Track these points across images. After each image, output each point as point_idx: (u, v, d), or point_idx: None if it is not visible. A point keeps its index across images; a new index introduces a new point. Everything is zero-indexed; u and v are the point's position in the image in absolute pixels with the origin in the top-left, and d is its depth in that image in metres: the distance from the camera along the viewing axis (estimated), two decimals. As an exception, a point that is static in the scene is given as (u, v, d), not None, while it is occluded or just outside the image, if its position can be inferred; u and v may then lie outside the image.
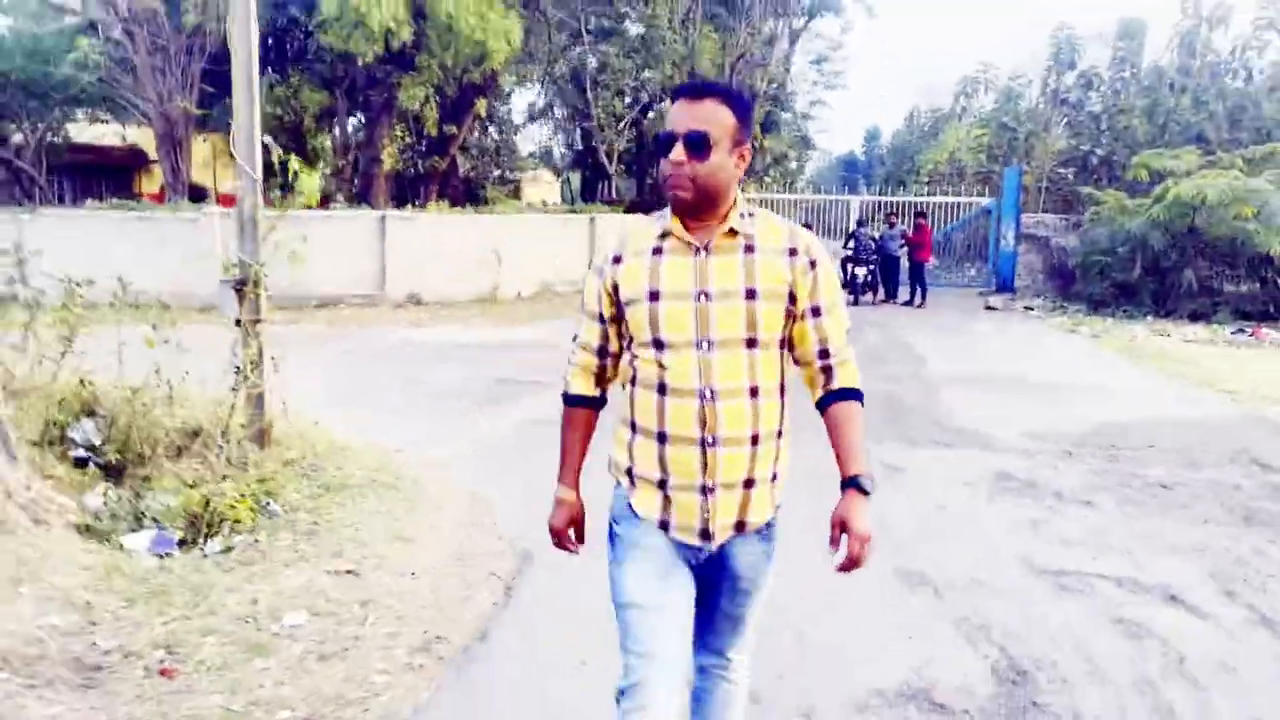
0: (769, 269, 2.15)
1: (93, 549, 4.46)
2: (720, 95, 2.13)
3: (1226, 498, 5.90)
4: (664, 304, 2.13)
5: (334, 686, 3.34)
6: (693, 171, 2.08)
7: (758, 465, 2.16)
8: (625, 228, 2.35)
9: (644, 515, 2.21)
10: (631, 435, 2.23)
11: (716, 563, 2.24)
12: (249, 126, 5.85)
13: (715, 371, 2.10)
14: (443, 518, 5.20)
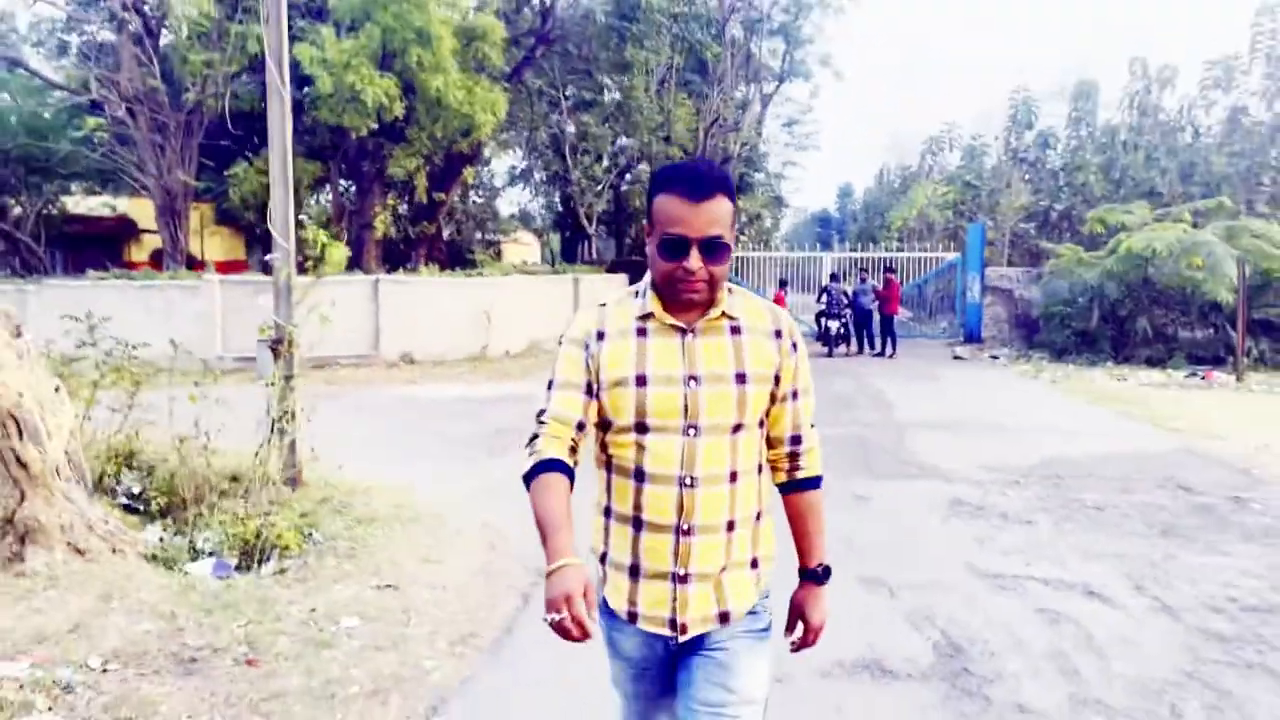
0: (757, 351, 2.09)
1: (163, 574, 5.16)
2: (721, 188, 2.01)
3: (1151, 516, 6.70)
4: (652, 389, 2.02)
5: (391, 669, 4.05)
6: (709, 274, 2.00)
7: (734, 551, 2.09)
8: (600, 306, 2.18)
9: (614, 607, 2.12)
10: (605, 520, 2.14)
11: (694, 647, 2.11)
12: (284, 207, 6.66)
13: (699, 458, 2.02)
14: (463, 544, 5.92)
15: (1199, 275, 17.91)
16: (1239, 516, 6.71)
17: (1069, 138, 28.25)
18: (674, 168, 2.07)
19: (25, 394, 5.12)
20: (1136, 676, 4.03)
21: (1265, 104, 25.56)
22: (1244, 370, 16.53)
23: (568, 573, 1.82)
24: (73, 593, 4.72)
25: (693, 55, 28.02)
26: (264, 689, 3.86)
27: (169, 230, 19.86)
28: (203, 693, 3.83)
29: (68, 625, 4.35)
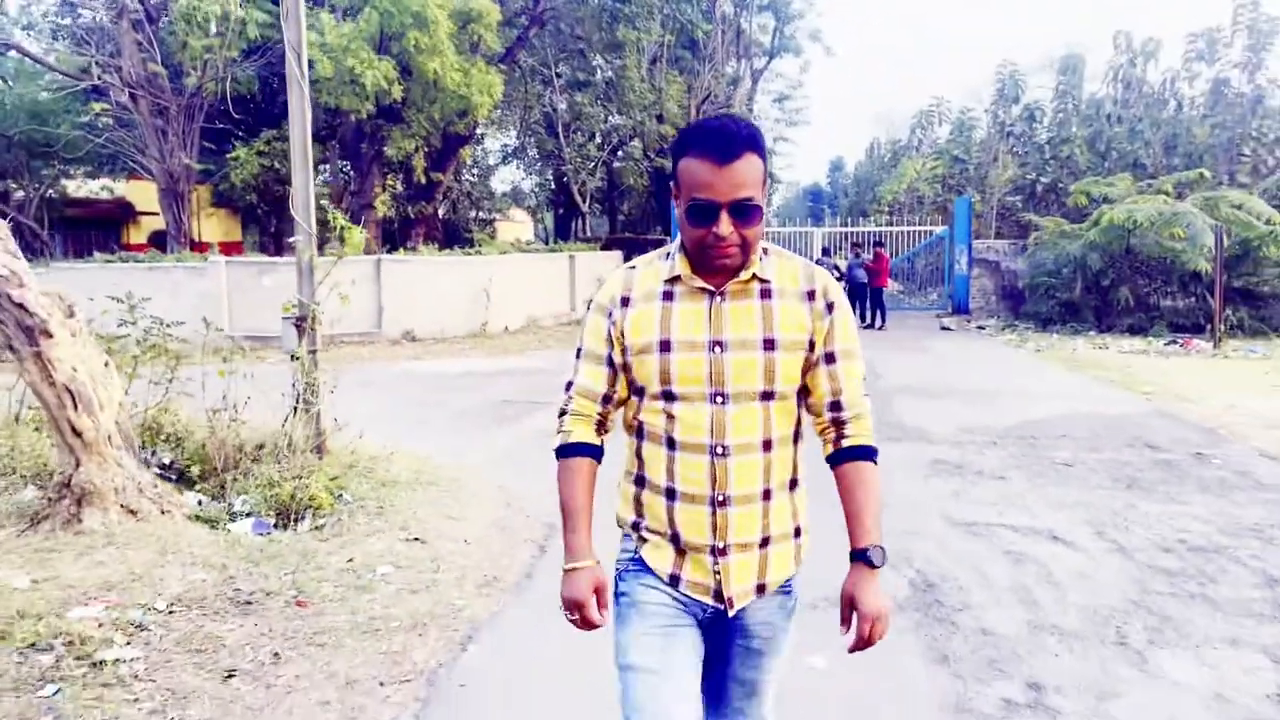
0: (788, 316, 2.00)
1: (208, 532, 5.65)
2: (750, 146, 1.92)
3: (1116, 471, 7.21)
4: (675, 354, 1.97)
5: (427, 607, 4.55)
6: (741, 238, 1.92)
7: (773, 522, 2.03)
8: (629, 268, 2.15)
9: (654, 567, 2.06)
10: (638, 489, 2.09)
11: (728, 624, 2.08)
12: (305, 192, 7.09)
13: (729, 426, 1.96)
14: (480, 503, 6.41)
15: (1179, 246, 18.41)
16: (1198, 471, 7.23)
17: (1055, 111, 28.66)
18: (699, 127, 1.96)
19: (79, 368, 5.59)
20: (1089, 605, 4.54)
21: (1247, 76, 25.98)
22: (1222, 337, 17.05)
23: (581, 576, 2.03)
24: (130, 548, 5.19)
25: (683, 33, 28.33)
26: (315, 625, 4.35)
27: (172, 213, 20.23)
28: (261, 629, 4.32)
29: (130, 575, 4.83)
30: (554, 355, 15.80)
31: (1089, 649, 4.05)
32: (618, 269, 2.14)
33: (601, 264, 23.93)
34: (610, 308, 2.08)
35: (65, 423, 5.54)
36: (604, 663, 2.25)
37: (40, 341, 5.47)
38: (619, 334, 2.05)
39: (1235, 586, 4.77)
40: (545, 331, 19.75)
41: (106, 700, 3.63)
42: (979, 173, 30.15)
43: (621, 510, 2.16)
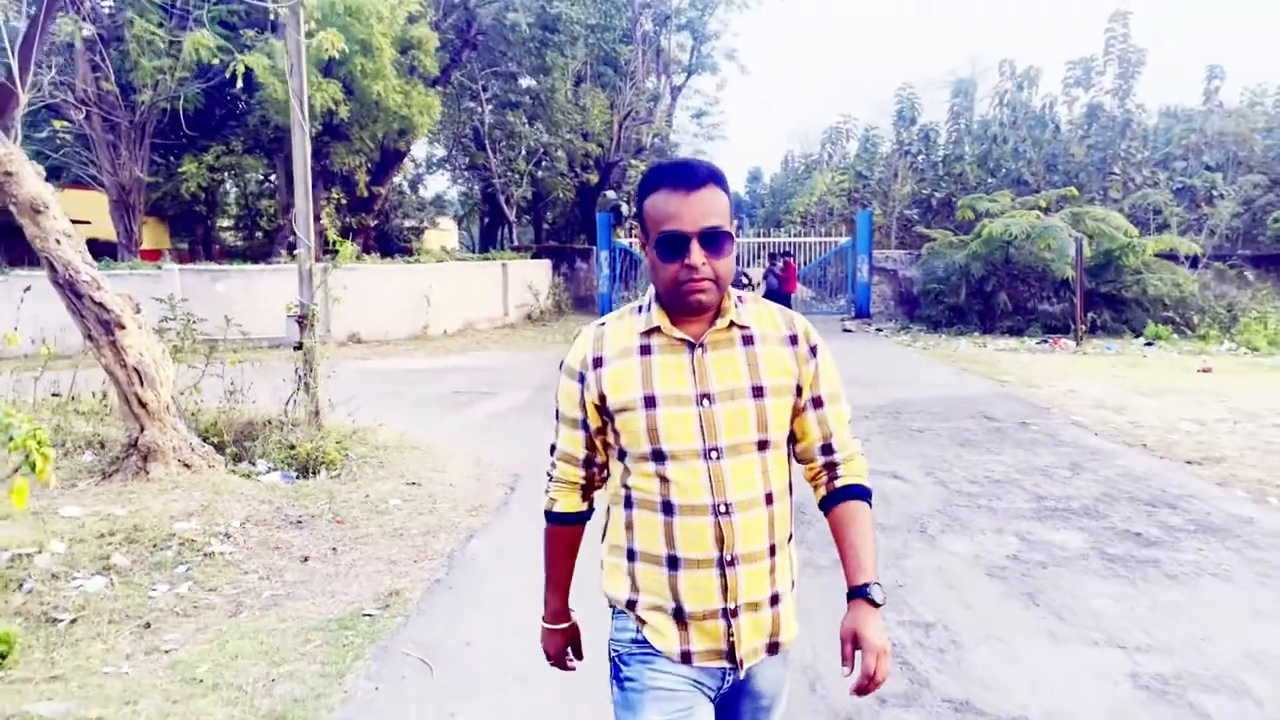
0: (773, 361, 1.95)
1: (248, 481, 7.23)
2: (714, 179, 1.90)
3: (955, 435, 9.17)
4: (662, 409, 1.89)
5: (434, 522, 6.23)
6: (713, 271, 1.87)
7: (778, 577, 1.96)
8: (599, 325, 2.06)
9: (661, 649, 1.94)
10: (630, 564, 1.97)
11: (738, 689, 2.01)
12: (305, 212, 8.68)
13: (729, 482, 1.87)
14: (455, 462, 8.08)
15: (1049, 255, 20.76)
16: (1018, 434, 9.23)
17: (949, 131, 31.15)
18: (660, 166, 1.94)
19: (144, 353, 7.13)
20: (906, 512, 6.42)
21: (1118, 101, 28.73)
22: (1082, 336, 19.41)
23: (557, 635, 2.22)
24: (192, 491, 6.76)
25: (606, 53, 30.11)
26: (354, 534, 6.01)
27: (124, 223, 21.33)
28: (315, 536, 5.96)
29: (201, 507, 6.41)
30: (492, 355, 17.42)
31: (898, 535, 5.92)
32: (585, 329, 2.07)
33: (532, 271, 25.58)
34: (581, 370, 1.99)
35: (133, 396, 7.07)
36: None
37: (115, 332, 7.00)
38: (596, 396, 1.95)
39: (1012, 502, 6.71)
40: (482, 334, 21.34)
41: (223, 574, 5.25)
42: (881, 187, 32.54)
43: (612, 588, 2.02)
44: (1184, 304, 21.37)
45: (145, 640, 4.33)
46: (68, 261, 6.95)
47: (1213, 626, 4.45)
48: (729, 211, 1.92)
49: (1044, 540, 5.82)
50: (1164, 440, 9.17)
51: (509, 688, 3.85)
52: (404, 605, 4.75)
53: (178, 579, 5.12)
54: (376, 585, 5.09)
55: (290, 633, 4.39)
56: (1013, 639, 4.31)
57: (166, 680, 3.90)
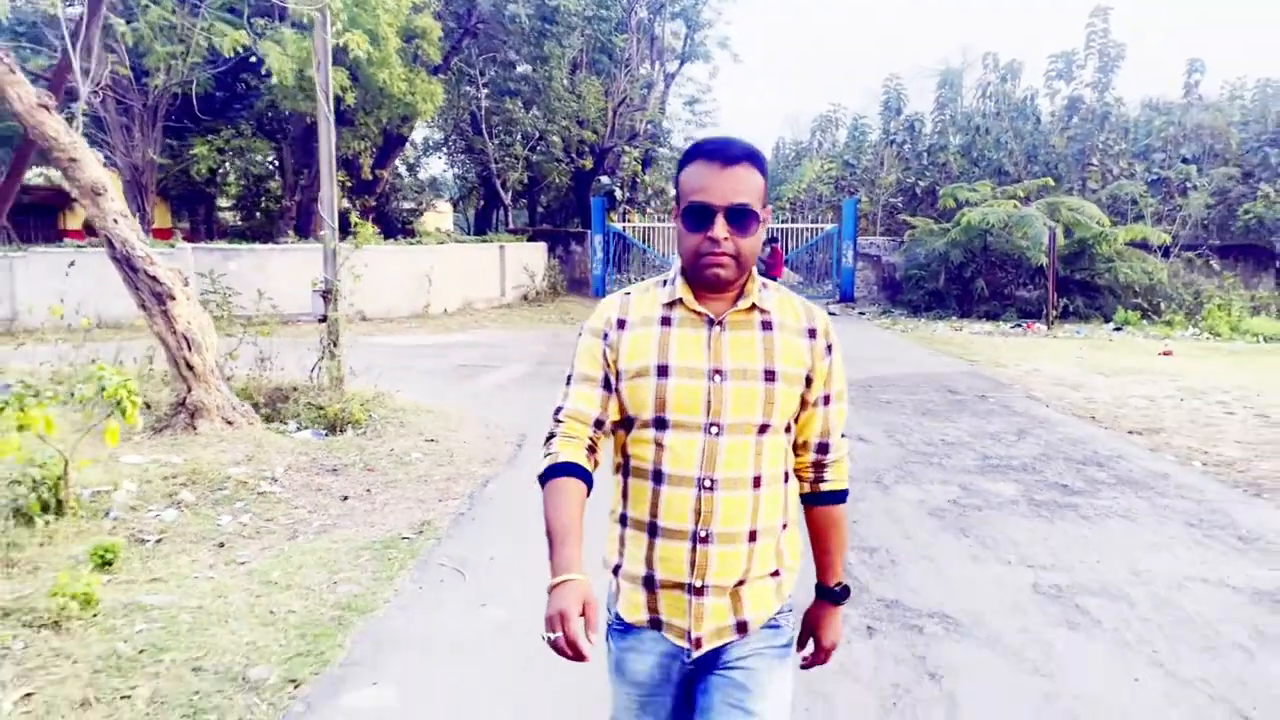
0: (789, 349, 1.94)
1: (282, 436, 8.09)
2: (751, 158, 1.90)
3: (920, 406, 10.09)
4: (673, 380, 1.89)
5: (453, 471, 7.11)
6: (735, 248, 1.87)
7: (755, 564, 1.92)
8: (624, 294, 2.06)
9: (630, 619, 1.97)
10: (622, 529, 1.99)
11: (710, 662, 1.95)
12: (330, 196, 9.52)
13: (720, 458, 1.87)
14: (466, 424, 8.96)
15: (1025, 243, 21.67)
16: (975, 406, 10.15)
17: (935, 121, 32.00)
18: (701, 141, 1.95)
19: (192, 322, 7.97)
20: (867, 467, 7.32)
21: (1097, 94, 29.58)
22: (1054, 320, 20.36)
23: (566, 589, 1.73)
24: (236, 444, 7.62)
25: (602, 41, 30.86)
26: (384, 480, 6.89)
27: (136, 203, 22.02)
28: (350, 481, 6.83)
29: (246, 457, 7.27)
30: (492, 333, 18.29)
31: (856, 485, 6.82)
32: (611, 295, 2.08)
33: (529, 254, 26.39)
34: (605, 330, 1.99)
35: (182, 360, 7.93)
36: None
37: (166, 303, 7.84)
38: (615, 358, 1.96)
39: (960, 460, 7.62)
40: (480, 313, 22.18)
41: (276, 508, 6.13)
42: (869, 175, 33.39)
43: (607, 550, 2.05)
44: (1153, 291, 22.31)
45: (222, 554, 5.22)
46: (125, 239, 7.78)
47: (1109, 553, 5.36)
48: (762, 193, 1.91)
49: (982, 489, 6.74)
50: (1112, 413, 10.09)
51: (528, 587, 4.74)
52: (435, 532, 5.64)
53: (238, 512, 6.00)
54: (409, 517, 5.97)
55: (342, 551, 5.28)
56: (941, 559, 5.22)
57: (246, 583, 4.77)
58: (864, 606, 4.53)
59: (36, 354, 9.84)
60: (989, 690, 3.71)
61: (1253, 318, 20.85)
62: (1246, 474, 7.47)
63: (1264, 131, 28.71)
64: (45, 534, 5.21)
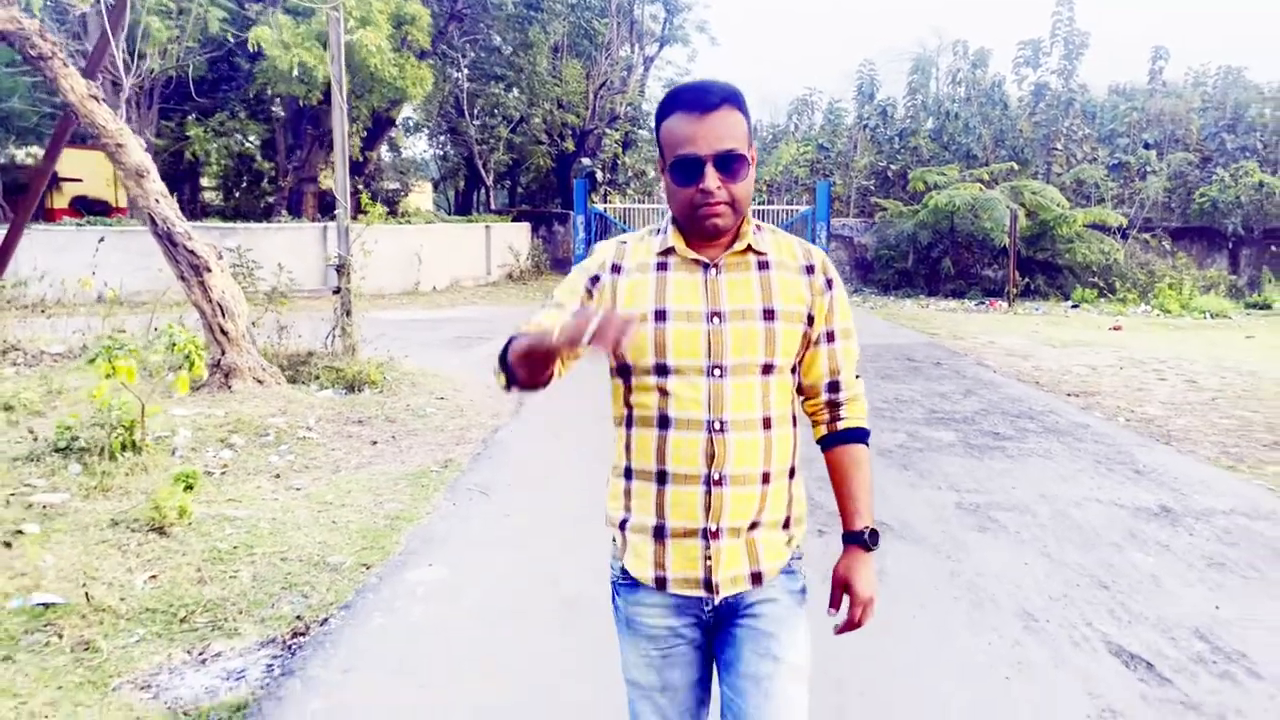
0: (787, 287, 1.92)
1: (308, 394, 9.02)
2: (730, 99, 1.83)
3: (879, 371, 11.12)
4: (671, 325, 1.86)
5: (465, 422, 8.08)
6: (729, 195, 1.83)
7: (767, 507, 1.90)
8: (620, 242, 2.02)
9: (637, 575, 1.93)
10: (627, 482, 1.96)
11: (731, 612, 1.93)
12: (343, 178, 10.42)
13: (727, 400, 1.84)
14: (470, 386, 9.92)
15: (989, 225, 22.75)
16: (929, 370, 11.20)
17: (907, 106, 33.02)
18: (675, 89, 1.89)
19: (226, 291, 8.88)
20: (828, 420, 8.33)
21: (1062, 81, 30.68)
22: (1015, 298, 21.49)
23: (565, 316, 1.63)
24: (269, 400, 8.55)
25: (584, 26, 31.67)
26: (405, 429, 7.85)
27: (133, 183, 22.80)
28: (375, 430, 7.79)
29: (279, 411, 8.21)
30: (481, 309, 19.20)
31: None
32: (608, 240, 2.05)
33: (513, 234, 27.28)
34: (598, 272, 1.96)
35: (217, 326, 8.83)
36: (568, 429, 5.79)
37: (203, 274, 8.74)
38: (609, 299, 1.91)
39: (911, 414, 8.66)
40: (468, 291, 23.08)
41: (317, 450, 7.09)
42: (843, 159, 34.40)
43: (610, 507, 2.01)
44: (1109, 270, 23.48)
45: (280, 483, 6.18)
46: (165, 217, 8.67)
47: (1024, 482, 6.41)
48: (746, 134, 1.86)
49: (926, 436, 7.78)
50: (1055, 379, 11.16)
51: (541, 504, 5.75)
52: (458, 467, 6.62)
53: (283, 453, 6.95)
54: (434, 456, 6.95)
55: (382, 480, 6.25)
56: (884, 487, 6.25)
57: (306, 503, 5.74)
58: (815, 517, 5.54)
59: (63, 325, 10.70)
60: (910, 569, 4.74)
61: (1203, 296, 22.03)
62: (1162, 428, 8.54)
63: (1222, 118, 29.92)
64: (127, 467, 6.14)
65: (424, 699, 3.44)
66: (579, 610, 4.21)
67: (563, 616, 4.17)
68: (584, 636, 3.92)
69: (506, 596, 4.39)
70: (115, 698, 3.46)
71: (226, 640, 3.92)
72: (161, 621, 4.05)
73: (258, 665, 3.72)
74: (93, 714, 3.33)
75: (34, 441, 6.47)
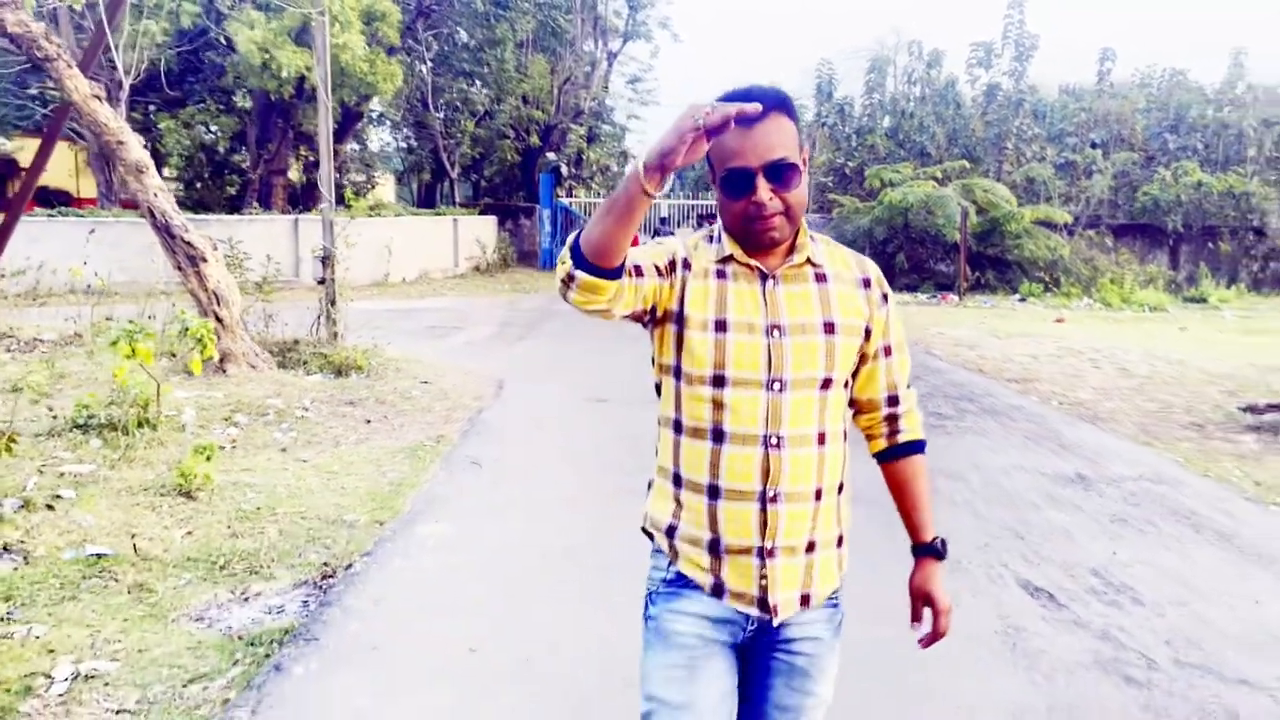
0: (846, 301, 1.90)
1: (298, 378, 9.56)
2: (780, 106, 1.80)
3: (835, 358, 11.83)
4: (732, 335, 1.82)
5: (451, 403, 8.68)
6: (783, 204, 1.79)
7: (819, 525, 1.87)
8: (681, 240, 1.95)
9: (697, 579, 1.86)
10: (675, 489, 1.90)
11: (770, 640, 1.90)
12: (328, 172, 10.96)
13: (785, 415, 1.81)
14: (450, 371, 10.51)
15: (941, 221, 23.62)
16: (882, 358, 11.91)
17: (864, 105, 33.91)
18: (723, 96, 1.78)
19: (221, 281, 9.40)
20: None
21: (1013, 82, 31.69)
22: (965, 292, 22.38)
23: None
24: (263, 384, 9.10)
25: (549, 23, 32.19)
26: (394, 409, 8.44)
27: (104, 175, 23.04)
28: (367, 411, 8.37)
29: (274, 394, 8.76)
30: (451, 300, 19.75)
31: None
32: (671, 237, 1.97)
33: (480, 227, 27.78)
34: (675, 259, 1.88)
35: (213, 313, 9.35)
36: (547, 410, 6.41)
37: (199, 265, 9.26)
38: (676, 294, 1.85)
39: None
40: (437, 283, 23.58)
41: (316, 428, 7.66)
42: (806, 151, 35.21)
43: (655, 510, 1.95)
44: (1055, 266, 24.44)
45: (287, 456, 6.76)
46: (164, 210, 9.18)
47: (959, 454, 7.15)
48: (797, 140, 1.83)
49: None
50: (997, 367, 11.95)
51: (529, 473, 6.38)
52: (450, 441, 7.25)
53: (285, 430, 7.52)
54: (426, 433, 7.56)
55: (381, 453, 6.85)
56: (836, 459, 6.94)
57: (314, 473, 6.33)
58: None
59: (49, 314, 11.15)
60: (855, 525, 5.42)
61: (1143, 290, 23.08)
62: (1090, 410, 9.33)
63: (1165, 119, 31.08)
64: (145, 441, 6.69)
65: (446, 625, 4.08)
66: (572, 558, 4.87)
67: (557, 564, 4.82)
68: (576, 578, 4.57)
69: (506, 547, 5.03)
70: (175, 627, 4.05)
71: (264, 583, 4.52)
72: (204, 568, 4.64)
73: (294, 602, 4.32)
74: (159, 639, 3.92)
75: (54, 420, 6.99)
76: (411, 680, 3.55)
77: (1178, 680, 3.60)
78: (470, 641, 3.88)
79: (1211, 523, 5.60)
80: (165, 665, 3.67)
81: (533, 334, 14.42)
